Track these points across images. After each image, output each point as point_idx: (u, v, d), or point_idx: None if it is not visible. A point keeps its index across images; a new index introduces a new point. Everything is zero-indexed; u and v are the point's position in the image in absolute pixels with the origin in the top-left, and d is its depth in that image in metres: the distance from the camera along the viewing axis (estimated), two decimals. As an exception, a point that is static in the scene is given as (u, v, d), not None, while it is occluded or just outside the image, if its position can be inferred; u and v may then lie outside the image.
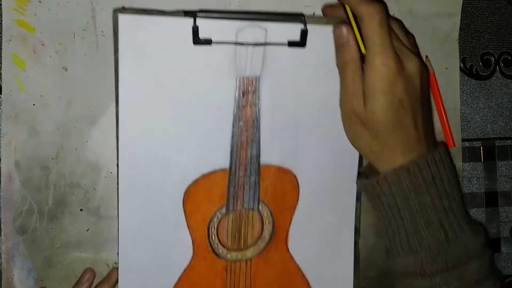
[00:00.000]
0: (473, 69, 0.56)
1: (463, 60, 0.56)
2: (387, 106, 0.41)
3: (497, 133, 0.57)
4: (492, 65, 0.56)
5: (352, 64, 0.43)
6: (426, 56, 0.53)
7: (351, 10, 0.43)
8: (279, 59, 0.48)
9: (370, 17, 0.41)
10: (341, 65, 0.44)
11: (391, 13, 0.52)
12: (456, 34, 0.54)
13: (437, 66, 0.54)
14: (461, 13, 0.54)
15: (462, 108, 0.56)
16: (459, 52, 0.55)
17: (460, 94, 0.55)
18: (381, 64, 0.40)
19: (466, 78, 0.56)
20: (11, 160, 0.47)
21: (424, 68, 0.43)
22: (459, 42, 0.55)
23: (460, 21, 0.54)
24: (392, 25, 0.44)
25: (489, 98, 0.57)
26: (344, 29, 0.43)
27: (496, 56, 0.56)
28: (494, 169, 0.57)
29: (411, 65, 0.42)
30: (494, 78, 0.57)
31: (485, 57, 0.56)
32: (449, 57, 0.54)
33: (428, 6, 0.53)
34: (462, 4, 0.54)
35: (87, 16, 0.47)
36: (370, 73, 0.41)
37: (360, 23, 0.42)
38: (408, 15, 0.53)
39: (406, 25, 0.52)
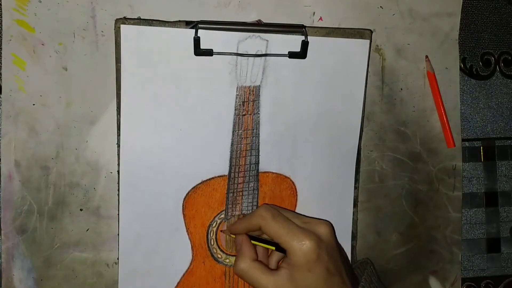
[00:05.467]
0: (473, 69, 0.56)
1: (463, 60, 0.56)
2: (318, 278, 0.42)
3: (497, 133, 0.57)
4: (492, 65, 0.56)
5: (251, 269, 0.44)
6: (426, 56, 0.53)
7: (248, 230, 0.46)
8: (280, 69, 0.48)
9: (262, 219, 0.44)
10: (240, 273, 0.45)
11: (391, 13, 0.52)
12: (456, 34, 0.54)
13: (437, 66, 0.54)
14: (461, 13, 0.54)
15: (462, 108, 0.56)
16: (459, 52, 0.55)
17: (460, 94, 0.55)
18: (299, 245, 0.42)
19: (466, 78, 0.56)
20: (11, 160, 0.47)
21: (330, 224, 0.45)
22: (459, 42, 0.55)
23: (460, 21, 0.54)
24: (282, 212, 0.46)
25: (489, 98, 0.57)
26: (239, 237, 0.46)
27: (496, 56, 0.56)
28: (494, 169, 0.57)
29: (322, 229, 0.44)
30: (494, 78, 0.57)
31: (485, 57, 0.56)
32: (449, 57, 0.54)
33: (428, 6, 0.53)
34: (462, 4, 0.54)
35: (87, 16, 0.47)
36: (294, 257, 0.42)
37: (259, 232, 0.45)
38: (408, 15, 0.53)
39: (406, 25, 0.53)
